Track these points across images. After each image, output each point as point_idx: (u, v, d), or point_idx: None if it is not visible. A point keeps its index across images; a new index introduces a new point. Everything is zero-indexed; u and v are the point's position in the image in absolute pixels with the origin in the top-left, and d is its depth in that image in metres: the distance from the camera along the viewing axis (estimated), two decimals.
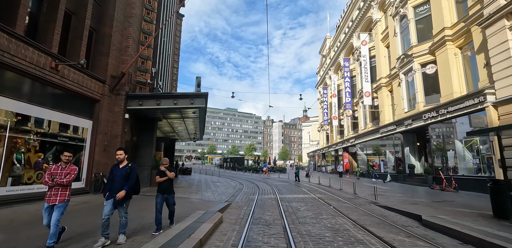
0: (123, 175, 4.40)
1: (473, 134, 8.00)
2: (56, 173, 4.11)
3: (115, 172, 4.47)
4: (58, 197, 4.04)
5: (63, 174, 4.13)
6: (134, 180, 4.49)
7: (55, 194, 4.04)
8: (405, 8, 18.77)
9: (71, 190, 4.28)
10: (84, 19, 10.19)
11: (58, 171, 4.14)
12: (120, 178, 4.38)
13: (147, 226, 5.49)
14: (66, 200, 4.12)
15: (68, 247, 4.16)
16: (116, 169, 4.49)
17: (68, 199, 4.16)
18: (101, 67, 11.22)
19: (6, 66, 7.16)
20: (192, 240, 4.39)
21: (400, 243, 4.90)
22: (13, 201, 7.30)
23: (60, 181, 4.05)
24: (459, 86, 14.49)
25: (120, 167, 4.48)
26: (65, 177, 4.11)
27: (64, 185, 4.10)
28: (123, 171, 4.42)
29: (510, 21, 10.58)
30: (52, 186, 4.04)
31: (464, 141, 13.87)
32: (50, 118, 8.89)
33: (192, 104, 12.21)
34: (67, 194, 4.14)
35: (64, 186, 4.12)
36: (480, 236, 4.90)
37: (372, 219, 7.03)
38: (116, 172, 4.45)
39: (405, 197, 11.27)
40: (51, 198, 4.02)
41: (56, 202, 4.01)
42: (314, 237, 5.23)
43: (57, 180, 4.04)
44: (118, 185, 4.34)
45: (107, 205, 4.28)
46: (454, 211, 7.68)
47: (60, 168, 4.17)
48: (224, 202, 9.16)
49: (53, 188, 4.05)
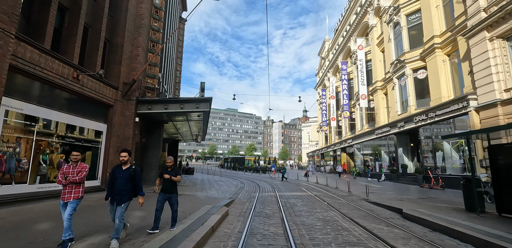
0: (126, 177, 4.35)
1: (445, 138, 8.98)
2: (68, 172, 4.28)
3: (117, 174, 4.40)
4: (73, 194, 4.22)
5: (75, 172, 4.30)
6: (140, 183, 4.53)
7: (69, 191, 4.21)
8: (398, 15, 19.74)
9: (84, 187, 4.45)
10: (100, 32, 11.13)
11: (70, 170, 4.31)
12: (123, 180, 4.33)
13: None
14: (80, 196, 4.30)
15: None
16: (119, 171, 4.43)
17: (82, 196, 4.34)
18: (114, 75, 12.16)
19: (36, 78, 8.09)
20: (206, 227, 5.34)
21: (378, 230, 5.86)
22: (43, 197, 8.25)
23: (73, 179, 4.22)
24: (447, 91, 15.45)
25: (124, 169, 4.44)
26: (77, 175, 4.28)
27: (77, 183, 4.27)
28: (126, 173, 4.38)
29: (490, 33, 11.54)
30: (66, 184, 4.21)
31: (451, 143, 14.83)
32: (70, 122, 9.82)
33: (197, 108, 13.15)
34: (80, 191, 4.32)
35: (77, 184, 4.29)
36: (446, 224, 5.85)
37: (359, 213, 7.98)
38: (118, 174, 4.39)
39: (395, 194, 12.22)
40: (65, 195, 4.20)
41: (71, 199, 4.18)
42: (307, 226, 6.18)
43: (70, 178, 4.21)
44: (121, 187, 4.29)
45: (112, 209, 4.33)
46: (433, 206, 8.64)
47: (71, 167, 4.34)
48: (228, 199, 10.10)
49: (67, 186, 4.22)
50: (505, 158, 6.84)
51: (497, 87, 11.22)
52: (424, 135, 17.32)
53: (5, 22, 6.65)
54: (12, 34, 6.87)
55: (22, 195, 7.64)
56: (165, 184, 5.27)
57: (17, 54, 7.20)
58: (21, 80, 7.78)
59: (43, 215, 6.15)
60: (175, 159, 24.40)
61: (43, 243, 4.20)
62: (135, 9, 13.66)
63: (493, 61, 11.38)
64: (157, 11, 15.94)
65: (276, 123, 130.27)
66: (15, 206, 7.17)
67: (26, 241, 4.22)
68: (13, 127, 7.63)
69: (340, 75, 33.15)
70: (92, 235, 4.70)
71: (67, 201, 4.17)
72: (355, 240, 5.12)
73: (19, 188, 7.74)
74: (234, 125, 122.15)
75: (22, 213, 6.37)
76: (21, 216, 6.03)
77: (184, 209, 7.45)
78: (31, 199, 7.90)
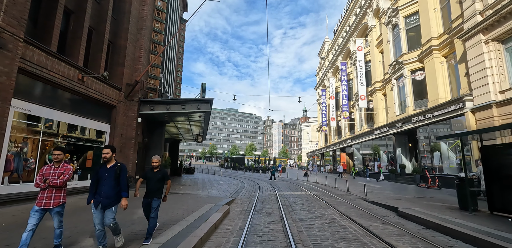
0: (112, 176, 3.92)
1: (440, 139, 9.23)
2: (48, 174, 3.77)
3: (101, 173, 3.94)
4: (52, 200, 3.70)
5: (57, 174, 3.78)
6: (126, 182, 4.05)
7: (49, 196, 3.69)
8: (397, 17, 19.98)
9: (66, 191, 3.93)
10: (104, 34, 11.39)
11: (50, 171, 3.80)
12: (108, 179, 3.90)
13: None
14: (62, 202, 3.81)
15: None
16: (103, 170, 3.97)
17: (64, 201, 3.85)
18: (117, 76, 12.41)
19: (43, 80, 8.34)
20: (208, 223, 5.59)
21: (374, 228, 6.11)
22: None
23: (54, 183, 3.71)
24: (444, 92, 15.71)
25: (108, 168, 3.98)
26: (58, 177, 3.77)
27: (58, 187, 3.77)
28: (111, 172, 3.93)
29: (486, 36, 11.78)
30: (45, 188, 3.71)
31: (448, 143, 15.08)
32: (74, 122, 10.07)
33: (198, 109, 13.41)
34: (62, 196, 3.82)
35: (58, 188, 3.79)
36: (438, 222, 6.10)
37: (357, 211, 8.23)
38: (102, 173, 3.93)
39: (392, 194, 12.47)
40: (43, 201, 3.67)
41: (50, 205, 3.68)
42: (306, 223, 6.43)
43: (50, 182, 3.69)
44: (106, 187, 3.86)
45: (95, 214, 3.85)
46: (429, 205, 8.89)
47: (52, 168, 3.83)
48: (229, 198, 10.35)
49: (46, 190, 3.71)
50: (496, 159, 7.09)
51: (492, 89, 11.47)
52: (422, 136, 17.58)
53: (14, 26, 6.90)
54: (21, 38, 7.12)
55: (30, 194, 7.88)
56: (150, 186, 4.62)
57: (26, 57, 7.44)
58: (29, 82, 8.03)
59: None
60: (175, 158, 24.92)
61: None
62: (137, 11, 13.91)
63: (488, 63, 11.62)
64: (159, 13, 16.19)
65: (276, 123, 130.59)
66: (24, 204, 7.42)
67: (39, 236, 4.46)
68: (21, 128, 7.88)
69: (339, 76, 33.42)
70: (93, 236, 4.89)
71: (45, 208, 3.66)
72: (351, 236, 5.36)
73: (27, 186, 7.99)
74: (234, 125, 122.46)
75: (29, 212, 6.61)
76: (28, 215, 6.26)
77: (187, 207, 7.71)
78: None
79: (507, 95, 10.98)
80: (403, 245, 4.85)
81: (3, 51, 6.58)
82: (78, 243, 4.26)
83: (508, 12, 10.56)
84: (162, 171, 4.75)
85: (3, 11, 6.57)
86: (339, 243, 4.91)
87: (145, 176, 4.75)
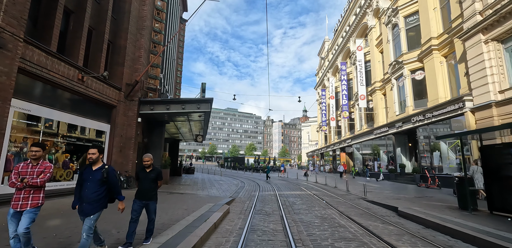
0: (97, 179, 3.54)
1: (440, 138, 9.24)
2: (25, 172, 3.39)
3: (85, 175, 3.58)
4: (30, 201, 3.33)
5: (35, 173, 3.42)
6: (118, 185, 3.76)
7: (26, 197, 3.33)
8: (396, 17, 19.98)
9: (45, 192, 3.58)
10: (103, 34, 11.38)
11: (28, 169, 3.42)
12: (93, 183, 3.53)
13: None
14: (40, 204, 3.44)
15: None
16: (88, 172, 3.60)
17: (42, 203, 3.48)
18: (117, 76, 12.40)
19: (43, 80, 8.33)
20: (208, 223, 5.60)
21: (374, 227, 6.11)
22: (50, 195, 8.48)
23: (33, 182, 3.33)
24: (444, 92, 15.71)
25: (94, 170, 3.61)
26: (38, 176, 3.41)
27: (38, 187, 3.41)
28: (97, 175, 3.57)
29: (485, 36, 11.79)
30: (22, 188, 3.33)
31: (448, 143, 15.09)
32: (74, 122, 10.07)
33: (198, 109, 13.40)
34: (40, 196, 3.45)
35: (38, 188, 3.43)
36: (438, 221, 6.11)
37: (356, 211, 8.23)
38: (87, 176, 3.57)
39: (392, 193, 12.48)
40: (19, 202, 3.31)
41: (27, 207, 3.30)
42: (306, 223, 6.44)
43: (29, 181, 3.32)
44: (89, 192, 3.48)
45: (82, 220, 3.50)
46: (428, 204, 8.90)
47: (30, 166, 3.45)
48: (229, 197, 10.35)
49: (22, 190, 3.35)
50: (496, 159, 7.10)
51: (492, 89, 11.48)
52: (421, 135, 17.58)
53: (14, 26, 6.90)
54: (21, 37, 7.12)
55: None
56: (143, 187, 4.36)
57: (25, 57, 7.44)
58: (29, 82, 8.02)
59: (53, 212, 6.41)
60: (175, 158, 24.92)
61: (56, 237, 4.45)
62: (137, 11, 13.90)
63: (488, 63, 11.63)
64: (159, 12, 16.18)
65: (276, 122, 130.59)
66: None
67: (40, 236, 4.47)
68: (21, 128, 7.88)
69: (339, 76, 33.42)
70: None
71: (22, 210, 3.29)
72: (351, 236, 5.37)
73: None
74: (234, 125, 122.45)
75: None
76: None
77: (187, 207, 7.72)
78: None
79: (506, 94, 10.99)
80: (402, 244, 4.86)
81: (3, 51, 6.58)
82: (78, 243, 4.26)
83: (508, 12, 10.57)
84: (155, 171, 4.46)
85: (3, 11, 6.57)
86: (338, 242, 4.92)
87: (137, 176, 4.47)
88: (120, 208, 3.79)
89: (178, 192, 11.43)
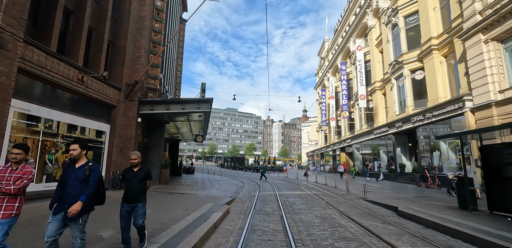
0: (80, 178, 3.19)
1: (440, 138, 9.24)
2: (2, 177, 2.94)
3: (68, 174, 3.23)
4: (2, 211, 2.85)
5: (12, 178, 2.96)
6: (96, 185, 3.28)
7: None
8: (396, 17, 19.98)
9: (23, 201, 3.08)
10: (103, 34, 11.37)
11: (5, 174, 2.98)
12: (75, 182, 3.18)
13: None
14: (15, 214, 2.93)
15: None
16: (71, 170, 3.26)
17: (18, 213, 2.97)
18: (117, 76, 12.40)
19: (43, 80, 8.33)
20: (208, 223, 5.59)
21: (374, 227, 6.11)
22: (50, 196, 8.47)
23: (7, 189, 2.86)
24: (443, 91, 15.72)
25: (76, 168, 3.26)
26: (14, 182, 2.94)
27: (12, 194, 2.91)
28: (80, 173, 3.21)
29: (485, 36, 11.78)
30: None
31: (448, 143, 15.09)
32: (74, 122, 10.06)
33: (198, 109, 13.41)
34: (15, 206, 2.94)
35: (12, 196, 2.93)
36: (438, 221, 6.11)
37: (356, 211, 8.23)
38: (69, 175, 3.22)
39: (392, 193, 12.48)
40: None
41: (0, 217, 2.83)
42: (305, 223, 6.44)
43: (3, 187, 2.85)
44: (73, 192, 3.13)
45: (52, 222, 3.06)
46: (428, 204, 8.90)
47: (9, 171, 3.01)
48: (229, 197, 10.35)
49: None
50: (495, 158, 7.10)
51: (492, 89, 11.48)
52: (421, 135, 17.58)
53: (14, 26, 6.90)
54: (21, 38, 7.12)
55: (30, 194, 7.86)
56: (130, 188, 3.94)
57: (25, 57, 7.43)
58: (29, 82, 8.02)
59: None
60: (175, 158, 24.89)
61: None
62: (137, 11, 13.90)
63: (488, 63, 11.63)
64: (159, 13, 16.18)
65: (276, 122, 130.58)
66: (25, 204, 7.39)
67: (39, 236, 4.46)
68: (21, 128, 7.87)
69: (339, 75, 33.42)
70: (101, 238, 4.92)
71: None
72: (351, 235, 5.37)
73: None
74: (234, 125, 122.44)
75: (32, 210, 6.63)
76: (31, 213, 6.28)
77: (187, 207, 7.71)
78: (39, 198, 8.16)
79: (506, 94, 10.99)
80: (402, 244, 4.86)
81: (2, 51, 6.58)
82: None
83: (508, 12, 10.57)
84: (144, 170, 4.07)
85: (2, 11, 6.57)
86: (338, 242, 4.92)
87: (123, 177, 4.05)
88: (73, 208, 3.02)
89: (178, 192, 11.43)
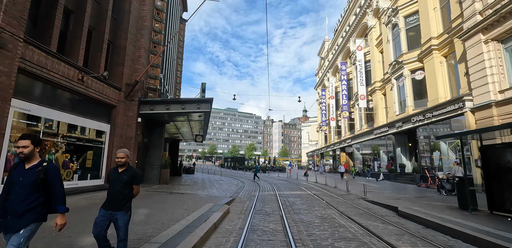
0: (29, 181, 2.47)
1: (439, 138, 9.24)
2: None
3: (15, 176, 2.52)
4: None
5: None
6: (62, 186, 2.67)
7: None
8: (396, 17, 19.98)
9: None
10: (103, 34, 11.37)
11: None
12: (22, 187, 2.46)
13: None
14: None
15: None
16: (18, 171, 2.54)
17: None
18: (117, 76, 12.40)
19: (43, 80, 8.33)
20: (208, 223, 5.59)
21: (374, 227, 6.11)
22: None
23: None
24: (444, 91, 15.71)
25: (26, 169, 2.54)
26: None
27: None
28: (30, 176, 2.49)
29: (485, 36, 11.78)
30: None
31: (448, 143, 15.09)
32: (74, 122, 10.06)
33: (198, 109, 13.41)
34: None
35: None
36: (438, 221, 6.11)
37: (357, 211, 8.23)
38: (16, 177, 2.50)
39: (392, 193, 12.48)
40: None
41: None
42: (306, 223, 6.44)
43: None
44: (18, 200, 2.43)
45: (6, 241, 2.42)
46: (428, 204, 8.89)
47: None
48: (229, 197, 10.35)
49: None
50: (495, 158, 7.10)
51: (492, 89, 11.47)
52: (421, 135, 17.58)
53: (14, 26, 6.90)
54: (21, 37, 7.12)
55: None
56: (112, 192, 3.29)
57: (25, 57, 7.43)
58: (29, 82, 8.03)
59: None
60: (175, 158, 24.87)
61: (55, 237, 4.46)
62: (137, 11, 13.90)
63: (488, 63, 11.62)
64: (159, 12, 16.18)
65: (276, 122, 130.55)
66: None
67: (40, 235, 4.45)
68: (21, 128, 7.88)
69: (339, 76, 33.41)
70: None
71: None
72: (351, 236, 5.37)
73: None
74: (234, 125, 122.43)
75: None
76: None
77: (187, 207, 7.71)
78: None
79: (506, 94, 10.99)
80: (402, 244, 4.85)
81: (3, 51, 6.57)
82: (78, 243, 4.26)
83: (508, 12, 10.56)
84: (129, 172, 3.35)
85: (3, 11, 6.56)
86: (338, 242, 4.92)
87: (108, 177, 3.40)
88: (58, 224, 2.59)
89: (178, 192, 11.43)
